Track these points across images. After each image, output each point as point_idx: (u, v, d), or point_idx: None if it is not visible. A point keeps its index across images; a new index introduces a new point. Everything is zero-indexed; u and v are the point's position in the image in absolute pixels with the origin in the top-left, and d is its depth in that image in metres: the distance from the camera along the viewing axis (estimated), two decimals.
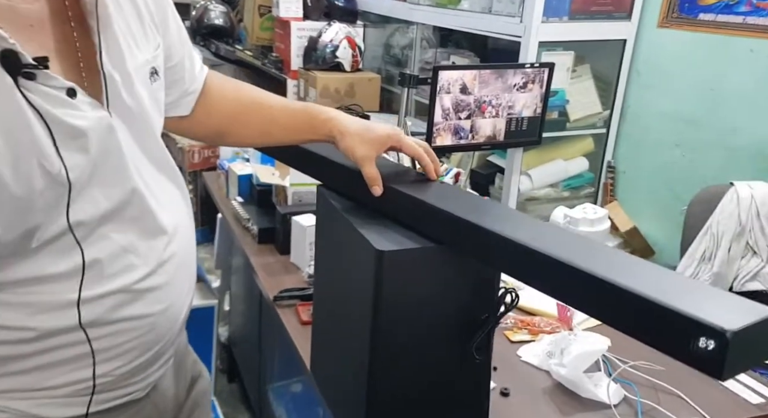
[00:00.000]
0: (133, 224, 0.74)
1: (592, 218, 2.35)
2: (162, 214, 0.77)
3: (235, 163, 1.73)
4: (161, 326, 0.78)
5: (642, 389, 1.10)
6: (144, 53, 0.76)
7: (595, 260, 0.66)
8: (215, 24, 3.23)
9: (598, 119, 2.61)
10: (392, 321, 0.82)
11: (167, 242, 0.78)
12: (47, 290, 0.69)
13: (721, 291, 0.61)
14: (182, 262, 0.81)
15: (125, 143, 0.72)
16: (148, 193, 0.75)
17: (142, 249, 0.75)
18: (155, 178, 0.78)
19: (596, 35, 2.46)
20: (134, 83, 0.73)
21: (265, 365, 1.71)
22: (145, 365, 0.79)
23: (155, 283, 0.76)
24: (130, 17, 0.75)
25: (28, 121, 0.62)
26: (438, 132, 2.08)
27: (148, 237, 0.76)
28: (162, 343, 0.80)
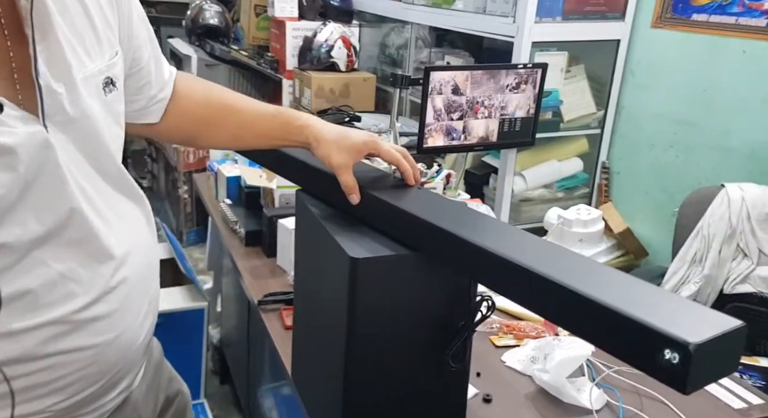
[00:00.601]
0: (74, 249, 0.68)
1: (585, 219, 2.34)
2: (110, 236, 0.72)
3: (224, 165, 1.72)
4: (109, 357, 0.73)
5: (625, 395, 1.10)
6: (96, 62, 0.71)
7: (566, 270, 0.65)
8: (210, 24, 3.23)
9: (592, 120, 2.61)
10: (367, 328, 0.82)
11: (115, 268, 0.72)
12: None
13: (690, 302, 0.61)
14: (135, 288, 0.76)
15: (66, 160, 0.66)
16: (94, 214, 0.70)
17: (84, 276, 0.69)
18: (106, 196, 0.73)
19: (590, 35, 2.45)
20: (81, 95, 0.68)
21: (254, 367, 1.71)
22: (96, 395, 0.74)
23: (99, 312, 0.70)
24: (79, 24, 0.69)
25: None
26: (430, 133, 2.07)
27: (92, 262, 0.70)
28: (114, 373, 0.75)
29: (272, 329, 1.23)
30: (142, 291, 0.78)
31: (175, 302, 1.83)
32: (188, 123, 0.94)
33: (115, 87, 0.74)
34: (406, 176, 0.91)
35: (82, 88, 0.68)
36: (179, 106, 0.92)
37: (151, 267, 0.81)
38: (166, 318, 1.81)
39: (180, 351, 1.87)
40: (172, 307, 1.80)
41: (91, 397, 0.73)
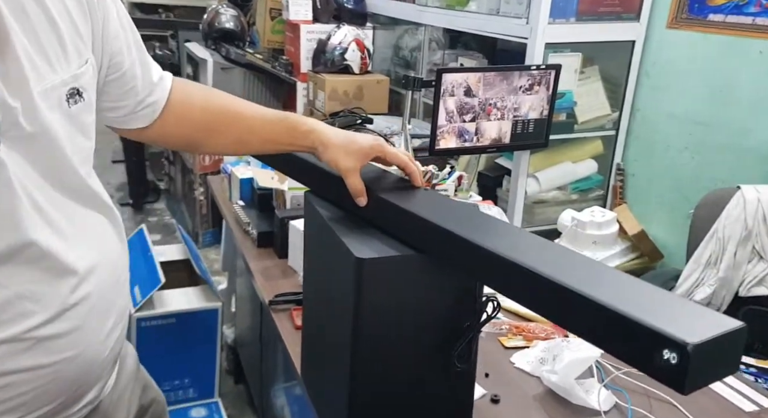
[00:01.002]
0: (31, 267, 0.66)
1: (599, 221, 2.33)
2: (70, 252, 0.70)
3: (237, 167, 1.75)
4: (69, 374, 0.72)
5: (634, 396, 1.09)
6: (60, 74, 0.68)
7: (567, 270, 0.65)
8: (226, 28, 3.26)
9: (607, 121, 2.59)
10: (373, 328, 0.83)
11: (75, 285, 0.71)
12: None
13: (691, 303, 0.61)
14: (98, 304, 0.74)
15: (20, 177, 0.64)
16: (50, 231, 0.68)
17: (41, 294, 0.67)
18: (67, 211, 0.71)
19: (604, 36, 2.44)
20: (40, 109, 0.65)
21: (267, 367, 1.73)
22: (56, 410, 0.73)
23: (58, 330, 0.69)
24: (43, 35, 0.66)
25: None
26: (442, 135, 2.08)
27: (49, 280, 0.68)
28: (75, 389, 0.74)
29: (283, 329, 1.25)
30: (107, 306, 0.77)
31: (190, 302, 1.85)
32: (188, 130, 0.93)
33: (81, 98, 0.71)
34: (413, 178, 0.92)
35: (41, 102, 0.65)
36: (176, 112, 0.91)
37: (119, 280, 0.80)
38: (181, 318, 1.84)
39: (194, 351, 1.90)
40: (186, 307, 1.83)
41: (51, 412, 0.72)
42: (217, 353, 1.93)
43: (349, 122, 2.02)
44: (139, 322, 1.78)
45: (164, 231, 3.45)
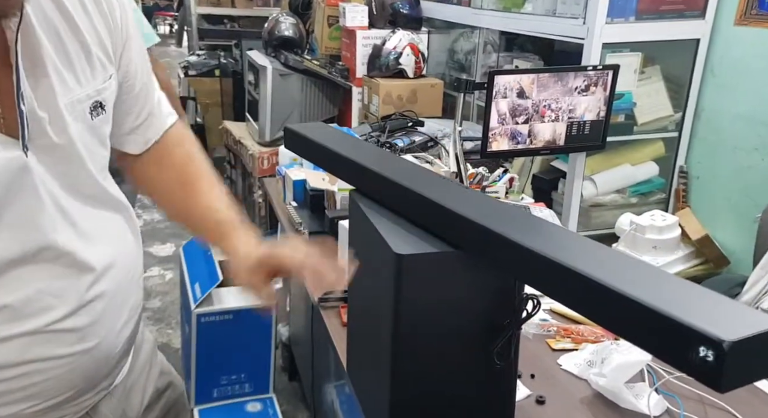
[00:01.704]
0: (52, 265, 0.71)
1: (660, 225, 2.26)
2: (89, 250, 0.74)
3: (291, 169, 1.80)
4: (85, 365, 0.76)
5: (687, 402, 1.06)
6: (85, 88, 0.73)
7: (603, 267, 0.65)
8: (285, 35, 3.35)
9: (669, 122, 2.51)
10: (412, 324, 0.84)
11: (92, 281, 0.75)
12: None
13: (731, 301, 0.59)
14: (113, 301, 0.78)
15: (44, 182, 0.69)
16: (71, 231, 0.73)
17: (61, 289, 0.72)
18: (86, 213, 0.76)
19: (666, 35, 2.36)
20: (66, 120, 0.70)
21: (318, 364, 1.76)
22: (71, 398, 0.78)
23: (76, 324, 0.74)
24: (72, 51, 0.71)
25: None
26: (494, 137, 2.07)
27: (69, 277, 0.73)
28: (90, 378, 0.78)
29: (331, 327, 1.28)
30: (121, 303, 0.81)
31: (246, 299, 1.91)
32: (154, 181, 0.96)
33: (103, 110, 0.77)
34: (310, 284, 0.84)
35: (67, 113, 0.70)
36: (159, 156, 0.94)
37: (133, 277, 0.84)
38: (238, 315, 1.90)
39: (250, 347, 1.96)
40: (242, 304, 1.89)
41: (66, 400, 0.77)
42: (272, 350, 1.98)
43: (400, 125, 2.04)
44: (199, 317, 1.86)
45: None
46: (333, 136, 1.11)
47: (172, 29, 11.59)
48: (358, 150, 1.05)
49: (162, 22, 12.13)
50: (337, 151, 1.04)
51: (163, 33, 11.90)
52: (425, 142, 1.97)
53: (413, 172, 0.98)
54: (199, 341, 1.87)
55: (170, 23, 11.87)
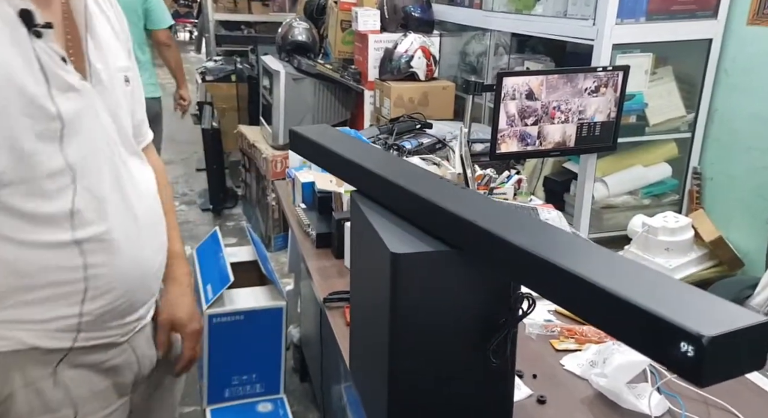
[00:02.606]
0: (108, 178, 0.91)
1: (672, 226, 2.25)
2: (136, 175, 0.97)
3: (301, 171, 1.82)
4: (133, 272, 0.93)
5: (689, 403, 1.06)
6: (119, 61, 0.97)
7: (591, 264, 0.66)
8: (298, 40, 3.39)
9: (681, 123, 2.49)
10: (409, 322, 0.85)
11: (137, 199, 0.95)
12: (47, 223, 0.85)
13: (714, 296, 0.59)
14: (148, 224, 0.97)
15: (102, 113, 0.90)
16: (126, 154, 0.94)
17: (116, 201, 0.91)
18: (126, 147, 0.96)
19: (678, 35, 2.35)
20: (113, 76, 0.94)
21: (327, 364, 1.78)
22: (122, 312, 0.94)
23: (128, 235, 0.92)
24: (109, 33, 0.97)
25: (32, 68, 0.81)
26: (503, 139, 2.07)
27: (119, 191, 0.92)
28: (134, 292, 0.95)
29: (336, 327, 1.29)
30: (154, 230, 1.00)
31: (257, 300, 1.94)
32: None
33: (129, 83, 0.99)
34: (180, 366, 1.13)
35: (114, 72, 0.95)
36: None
37: (157, 214, 1.02)
38: (248, 316, 1.93)
39: (261, 348, 1.98)
40: (253, 305, 1.91)
41: (121, 310, 0.94)
42: (282, 351, 2.00)
43: (408, 127, 2.06)
44: (210, 318, 1.89)
45: (240, 235, 3.61)
46: (335, 138, 1.13)
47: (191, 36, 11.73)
48: (359, 151, 1.07)
49: (182, 29, 12.28)
50: (338, 152, 1.05)
51: (183, 40, 12.05)
52: (433, 144, 1.98)
53: (412, 173, 0.99)
54: (211, 341, 1.90)
55: (190, 30, 12.01)
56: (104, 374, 0.96)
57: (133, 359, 1.01)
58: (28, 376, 0.88)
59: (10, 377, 0.87)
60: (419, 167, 1.07)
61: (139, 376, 1.04)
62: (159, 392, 1.14)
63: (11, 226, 0.84)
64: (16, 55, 0.80)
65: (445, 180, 0.98)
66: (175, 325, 1.10)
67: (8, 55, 0.80)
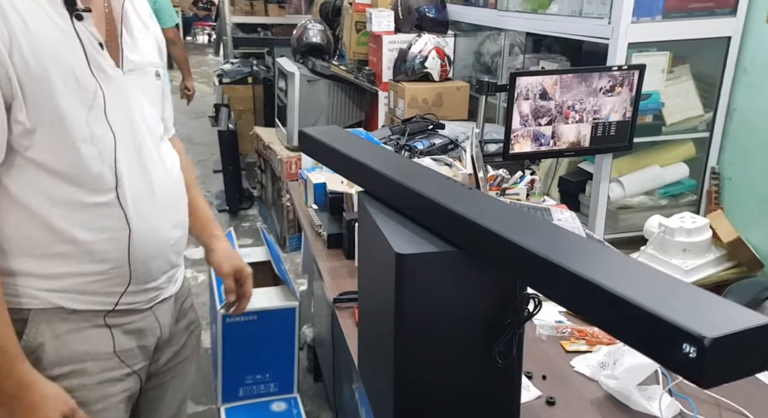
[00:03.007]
0: (135, 151, 0.99)
1: (689, 227, 2.21)
2: (160, 153, 1.04)
3: (313, 172, 1.83)
4: (147, 240, 1.00)
5: (702, 405, 1.04)
6: (151, 57, 1.06)
7: (595, 265, 0.65)
8: (312, 42, 3.41)
9: (699, 122, 2.46)
10: (414, 322, 0.85)
11: (162, 175, 1.03)
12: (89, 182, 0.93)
13: (718, 297, 0.59)
14: (169, 196, 1.04)
15: (132, 100, 0.99)
16: (144, 141, 1.01)
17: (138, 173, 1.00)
18: (156, 134, 1.05)
19: (696, 34, 2.32)
20: (144, 68, 1.03)
21: (339, 364, 1.78)
22: (138, 278, 1.01)
23: (137, 204, 0.98)
24: (143, 27, 1.06)
25: (73, 44, 0.90)
26: (516, 139, 2.06)
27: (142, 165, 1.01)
28: (150, 260, 1.01)
29: (345, 326, 1.29)
30: (174, 207, 1.06)
31: (270, 300, 1.95)
32: None
33: (160, 78, 1.08)
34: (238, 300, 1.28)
35: (146, 66, 1.04)
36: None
37: (177, 194, 1.08)
38: (261, 316, 1.94)
39: (275, 347, 1.99)
40: (266, 305, 1.92)
41: (136, 276, 1.00)
42: (296, 351, 2.01)
43: (420, 128, 2.06)
44: (224, 318, 1.90)
45: (256, 236, 3.63)
46: (342, 138, 1.13)
47: (210, 39, 11.84)
48: (366, 152, 1.07)
49: (201, 32, 12.40)
50: (345, 152, 1.06)
51: (202, 43, 12.16)
52: (446, 144, 1.98)
53: (418, 173, 0.99)
54: (225, 340, 1.92)
55: (209, 33, 12.13)
56: (129, 335, 1.04)
57: (156, 325, 1.08)
58: (55, 329, 0.96)
59: (40, 329, 0.95)
60: (426, 167, 1.07)
61: (160, 341, 1.11)
62: (177, 380, 1.20)
63: (46, 184, 0.92)
64: (60, 32, 0.89)
65: (451, 180, 0.97)
66: (236, 271, 1.26)
67: (52, 31, 0.89)
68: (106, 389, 1.01)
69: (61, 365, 0.96)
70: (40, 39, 0.88)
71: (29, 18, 0.87)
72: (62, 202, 0.93)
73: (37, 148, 0.90)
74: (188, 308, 1.23)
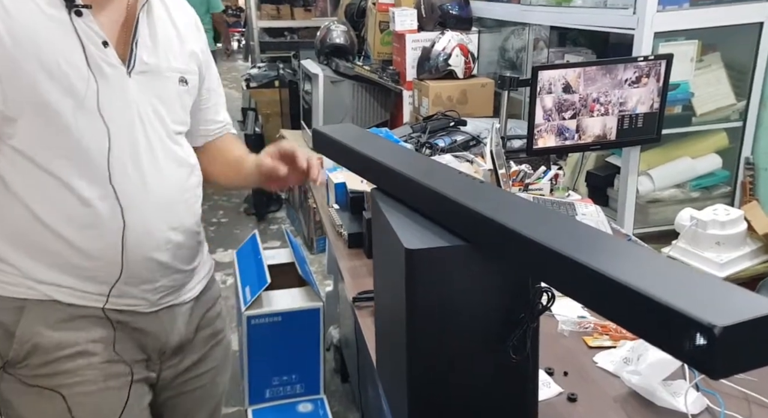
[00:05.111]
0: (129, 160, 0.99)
1: (723, 220, 2.14)
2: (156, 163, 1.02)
3: (334, 172, 1.83)
4: (133, 240, 0.98)
5: (730, 400, 1.00)
6: (177, 63, 1.05)
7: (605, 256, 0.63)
8: (336, 43, 3.42)
9: (732, 112, 2.38)
10: (426, 318, 0.84)
11: (165, 176, 1.03)
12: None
13: (731, 285, 0.56)
14: (160, 203, 1.01)
15: (138, 103, 0.98)
16: (147, 142, 1.00)
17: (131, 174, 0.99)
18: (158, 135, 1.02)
19: (725, 20, 2.25)
20: (163, 72, 1.02)
21: (364, 364, 1.78)
22: (130, 278, 0.99)
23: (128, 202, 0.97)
24: (174, 34, 1.05)
25: (69, 37, 0.91)
26: (540, 134, 2.03)
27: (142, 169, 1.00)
28: (138, 261, 0.99)
29: (364, 325, 1.29)
30: (168, 209, 1.03)
31: (294, 301, 1.96)
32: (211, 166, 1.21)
33: (186, 84, 1.07)
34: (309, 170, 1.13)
35: (166, 71, 1.03)
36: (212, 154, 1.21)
37: (174, 197, 1.04)
38: (286, 317, 1.95)
39: (300, 348, 2.01)
40: (290, 306, 1.94)
41: (128, 276, 0.99)
42: (321, 351, 2.01)
43: (442, 125, 2.04)
44: (249, 319, 1.92)
45: (283, 238, 3.66)
46: (355, 135, 1.13)
47: (239, 45, 11.99)
48: (378, 148, 1.06)
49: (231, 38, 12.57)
50: (356, 149, 1.05)
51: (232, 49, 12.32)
52: (467, 141, 1.96)
53: (430, 168, 0.98)
54: (250, 342, 1.94)
55: (238, 39, 12.29)
56: (128, 332, 1.03)
57: (162, 329, 1.07)
58: (53, 318, 0.98)
59: (36, 318, 0.97)
60: (437, 162, 1.06)
61: (167, 347, 1.09)
62: (202, 391, 1.19)
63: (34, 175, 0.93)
64: (51, 22, 0.90)
65: (462, 174, 0.96)
66: (275, 154, 1.15)
67: (38, 19, 0.89)
68: (114, 368, 1.01)
69: (62, 348, 0.98)
70: (22, 24, 0.88)
71: (12, 5, 0.88)
72: (52, 194, 0.94)
73: (21, 137, 0.92)
74: (214, 317, 1.20)
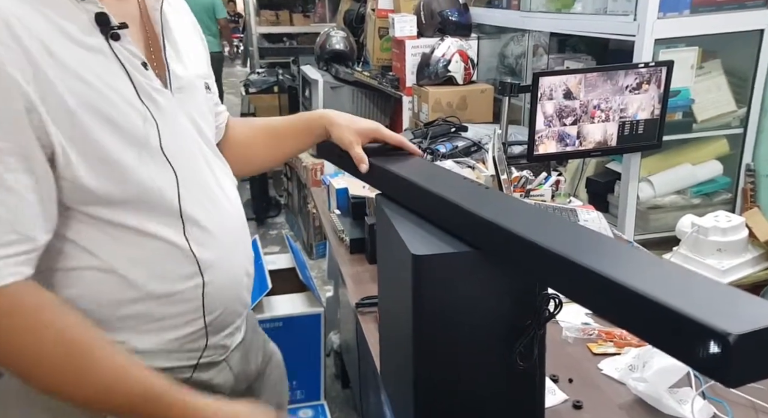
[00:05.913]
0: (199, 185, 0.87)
1: (724, 226, 2.14)
2: (221, 179, 0.92)
3: (335, 178, 1.82)
4: (229, 277, 0.89)
5: (737, 408, 1.00)
6: (199, 68, 0.93)
7: (614, 263, 0.63)
8: (336, 49, 3.42)
9: (732, 118, 2.38)
10: (432, 324, 0.84)
11: (230, 208, 0.92)
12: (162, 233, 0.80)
13: (744, 293, 0.56)
14: (237, 231, 0.92)
15: (184, 121, 0.86)
16: (207, 167, 0.90)
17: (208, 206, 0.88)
18: (208, 157, 0.92)
19: (726, 27, 2.25)
20: (193, 82, 0.90)
21: (365, 370, 1.77)
22: (219, 324, 0.89)
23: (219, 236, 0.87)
24: (190, 38, 0.95)
25: (115, 69, 0.77)
26: (541, 140, 2.03)
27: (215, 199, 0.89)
28: (225, 307, 0.89)
29: (368, 331, 1.28)
30: (242, 233, 0.94)
31: (295, 307, 1.95)
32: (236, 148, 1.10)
33: (210, 90, 0.96)
34: (412, 151, 1.09)
35: (194, 79, 0.91)
36: (228, 140, 1.10)
37: (242, 217, 0.95)
38: (287, 322, 1.94)
39: (301, 354, 1.99)
40: (291, 312, 1.93)
41: (218, 321, 0.89)
42: (322, 357, 2.00)
43: (443, 131, 2.04)
44: None
45: (282, 243, 3.66)
46: None
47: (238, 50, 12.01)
48: (382, 154, 1.06)
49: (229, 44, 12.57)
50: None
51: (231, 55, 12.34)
52: (468, 147, 1.96)
53: (434, 174, 0.98)
54: None
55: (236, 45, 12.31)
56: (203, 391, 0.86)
57: (230, 376, 0.96)
58: None
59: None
60: (441, 168, 1.06)
61: (234, 393, 0.97)
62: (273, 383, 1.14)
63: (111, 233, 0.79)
64: (92, 54, 0.75)
65: (467, 180, 0.96)
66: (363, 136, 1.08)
67: (84, 57, 0.74)
68: None
69: None
70: (71, 69, 0.72)
71: (51, 42, 0.71)
72: (130, 254, 0.79)
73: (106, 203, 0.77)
74: (252, 330, 1.08)
